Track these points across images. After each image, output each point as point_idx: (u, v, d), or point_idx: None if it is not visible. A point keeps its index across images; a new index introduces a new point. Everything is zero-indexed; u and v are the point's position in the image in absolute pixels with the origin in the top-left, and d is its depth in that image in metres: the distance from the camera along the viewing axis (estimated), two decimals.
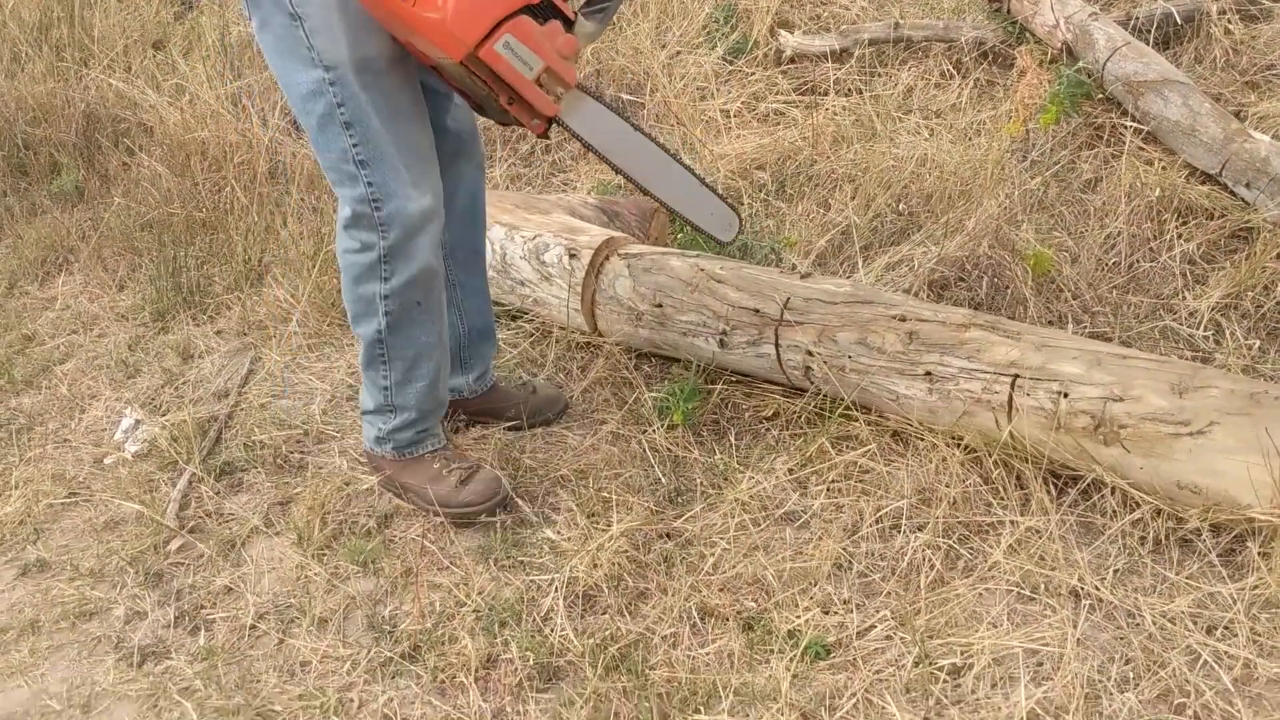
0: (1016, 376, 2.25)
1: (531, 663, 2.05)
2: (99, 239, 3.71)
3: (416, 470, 2.42)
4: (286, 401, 2.84)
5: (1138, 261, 2.86)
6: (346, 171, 2.19)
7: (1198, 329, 2.64)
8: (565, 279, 2.83)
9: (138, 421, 2.81)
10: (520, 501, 2.41)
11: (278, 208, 3.58)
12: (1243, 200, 2.86)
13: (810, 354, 2.51)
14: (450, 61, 2.03)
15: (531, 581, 2.24)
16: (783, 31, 4.00)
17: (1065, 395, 2.19)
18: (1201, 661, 1.89)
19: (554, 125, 2.18)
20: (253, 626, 2.24)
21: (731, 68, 3.98)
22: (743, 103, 3.86)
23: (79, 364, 3.12)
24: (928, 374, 2.36)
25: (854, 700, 1.92)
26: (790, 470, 2.42)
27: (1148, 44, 3.40)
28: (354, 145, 2.16)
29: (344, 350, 2.97)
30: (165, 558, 2.42)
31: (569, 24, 2.10)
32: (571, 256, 2.84)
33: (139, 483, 2.62)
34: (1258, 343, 2.55)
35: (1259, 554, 2.01)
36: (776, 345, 2.56)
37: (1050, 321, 2.71)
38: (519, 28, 2.01)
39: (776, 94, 3.85)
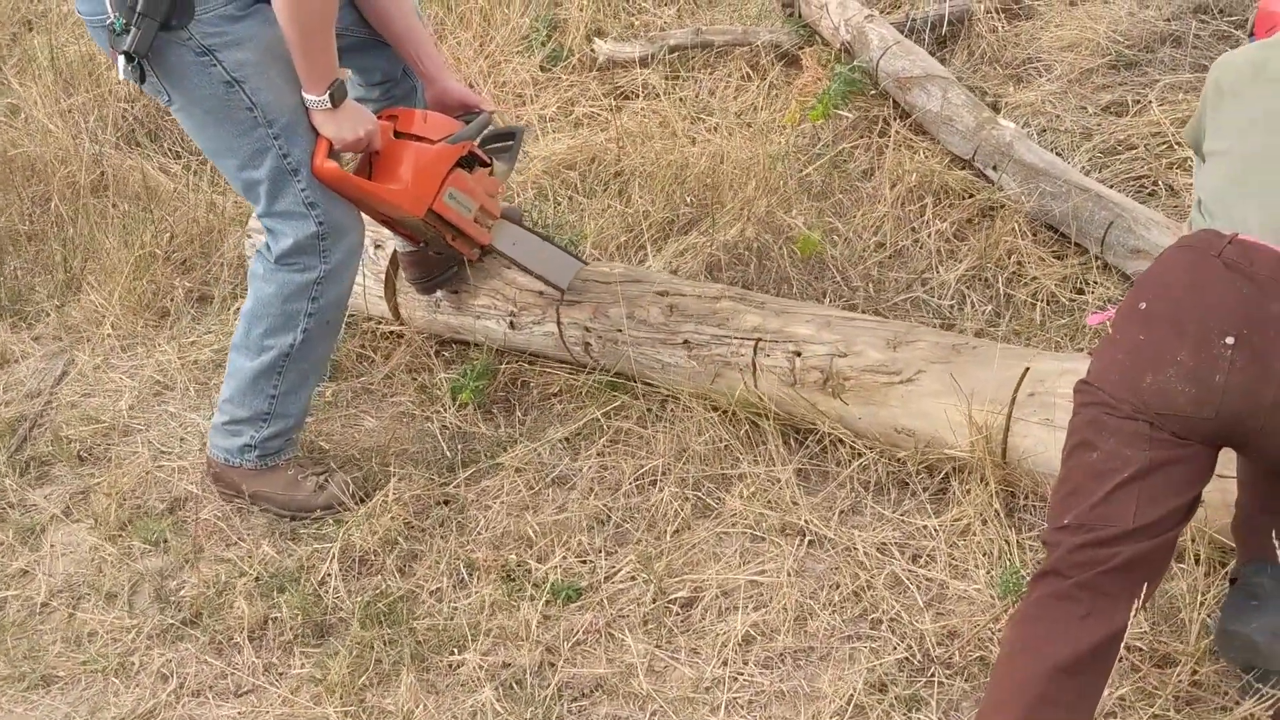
0: (759, 340, 2.46)
1: (301, 621, 2.20)
2: None
3: (271, 479, 2.48)
4: (96, 399, 2.94)
5: (900, 240, 3.10)
6: (296, 214, 2.29)
7: (945, 299, 2.89)
8: (369, 267, 2.98)
9: None
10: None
11: (101, 219, 3.66)
12: (990, 181, 3.13)
13: (588, 329, 2.70)
14: (413, 218, 2.44)
15: (314, 550, 2.38)
16: (597, 39, 4.20)
17: (799, 354, 2.40)
18: (902, 584, 2.11)
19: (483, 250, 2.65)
20: (44, 604, 2.35)
21: (549, 75, 4.17)
22: (558, 107, 4.05)
23: None
24: (685, 342, 2.56)
25: (596, 635, 2.10)
26: (565, 439, 2.60)
27: (924, 44, 3.67)
28: (303, 190, 2.28)
29: (153, 350, 3.08)
30: None
31: (487, 167, 2.56)
32: (376, 247, 2.98)
33: None
34: (990, 308, 2.80)
35: (961, 491, 2.24)
36: (559, 323, 2.74)
37: (814, 297, 2.93)
38: (457, 180, 2.45)
39: (589, 99, 4.04)
